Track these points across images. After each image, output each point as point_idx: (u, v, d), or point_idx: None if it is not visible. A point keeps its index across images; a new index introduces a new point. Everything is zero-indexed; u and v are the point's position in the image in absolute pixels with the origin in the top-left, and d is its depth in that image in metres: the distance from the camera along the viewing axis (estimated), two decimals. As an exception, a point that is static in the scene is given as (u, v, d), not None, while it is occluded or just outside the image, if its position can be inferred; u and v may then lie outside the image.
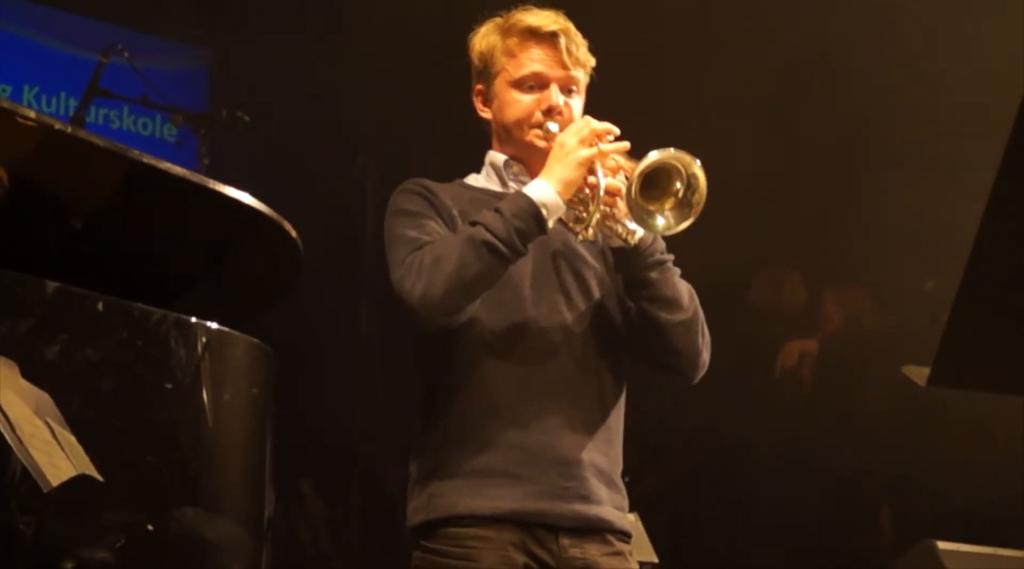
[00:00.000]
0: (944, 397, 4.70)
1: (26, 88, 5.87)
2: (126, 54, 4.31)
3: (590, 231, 2.64)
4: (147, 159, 1.91)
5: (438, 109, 5.88)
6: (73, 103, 5.69)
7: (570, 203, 2.69)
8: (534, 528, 2.62)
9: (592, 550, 2.65)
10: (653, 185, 2.56)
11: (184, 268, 2.23)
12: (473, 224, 2.58)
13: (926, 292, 5.37)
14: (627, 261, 2.75)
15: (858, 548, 5.16)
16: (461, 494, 2.64)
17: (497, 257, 2.56)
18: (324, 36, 5.72)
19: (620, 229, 2.66)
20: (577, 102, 2.86)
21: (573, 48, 2.84)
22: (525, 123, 2.81)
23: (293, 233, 2.10)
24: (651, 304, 2.74)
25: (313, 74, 5.58)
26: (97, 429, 1.77)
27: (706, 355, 2.81)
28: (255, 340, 2.06)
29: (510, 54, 2.84)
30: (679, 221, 2.57)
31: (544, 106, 2.80)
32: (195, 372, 1.90)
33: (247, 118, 4.27)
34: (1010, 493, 4.58)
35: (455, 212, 2.72)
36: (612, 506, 2.72)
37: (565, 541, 2.63)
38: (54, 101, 5.84)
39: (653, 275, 2.74)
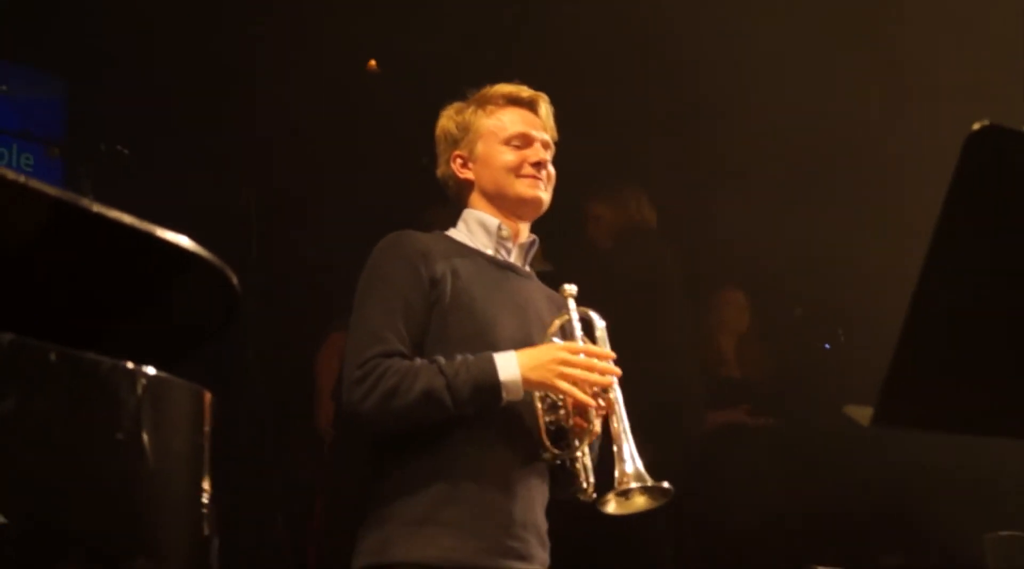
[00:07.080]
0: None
1: None
2: (4, 87, 4.22)
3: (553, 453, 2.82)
4: (97, 208, 1.88)
5: (320, 137, 5.86)
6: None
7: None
8: None
9: None
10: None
11: (111, 310, 2.20)
12: (441, 372, 2.69)
13: (795, 320, 5.52)
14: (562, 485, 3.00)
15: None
16: (413, 542, 2.75)
17: (444, 415, 2.73)
18: (193, 64, 5.66)
19: (578, 474, 2.84)
20: (550, 167, 3.03)
21: (549, 114, 3.04)
22: (515, 171, 2.96)
23: (233, 279, 2.10)
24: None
25: (186, 105, 5.51)
26: (52, 484, 1.74)
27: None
28: (197, 386, 2.05)
29: (492, 116, 2.98)
30: (636, 506, 2.80)
31: (533, 160, 2.94)
32: (143, 422, 1.88)
33: (127, 151, 4.22)
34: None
35: (445, 273, 2.79)
36: (539, 564, 2.93)
37: None
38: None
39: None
